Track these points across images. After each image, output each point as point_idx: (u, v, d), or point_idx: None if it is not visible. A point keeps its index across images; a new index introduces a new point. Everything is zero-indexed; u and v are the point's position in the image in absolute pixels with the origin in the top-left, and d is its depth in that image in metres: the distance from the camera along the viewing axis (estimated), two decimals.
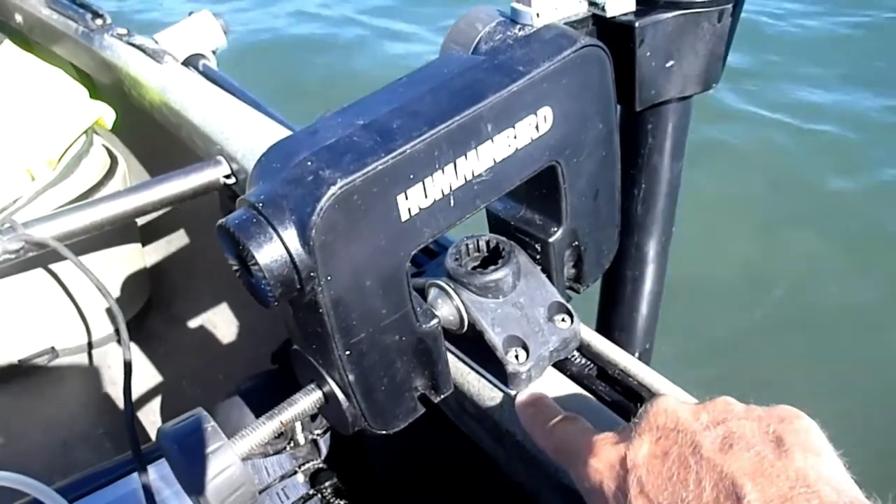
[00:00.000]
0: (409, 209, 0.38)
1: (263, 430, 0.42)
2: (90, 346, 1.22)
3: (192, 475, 0.39)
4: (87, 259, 1.09)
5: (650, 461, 0.34)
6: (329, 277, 0.37)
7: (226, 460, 0.40)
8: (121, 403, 1.21)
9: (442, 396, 0.47)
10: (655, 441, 0.35)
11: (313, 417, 0.77)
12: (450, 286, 0.48)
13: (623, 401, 0.49)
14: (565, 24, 0.46)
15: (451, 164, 0.39)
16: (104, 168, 1.15)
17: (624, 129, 0.54)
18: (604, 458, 0.36)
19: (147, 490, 0.64)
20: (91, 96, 1.09)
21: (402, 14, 3.63)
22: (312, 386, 0.44)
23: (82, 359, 1.24)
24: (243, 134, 0.85)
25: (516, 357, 0.47)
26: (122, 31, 1.14)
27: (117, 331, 0.73)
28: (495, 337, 0.47)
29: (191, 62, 1.10)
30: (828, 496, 0.29)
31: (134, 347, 0.69)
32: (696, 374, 1.70)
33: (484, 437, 0.54)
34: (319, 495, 0.74)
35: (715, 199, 2.19)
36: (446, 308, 0.48)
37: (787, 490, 0.30)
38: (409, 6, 3.68)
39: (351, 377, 0.41)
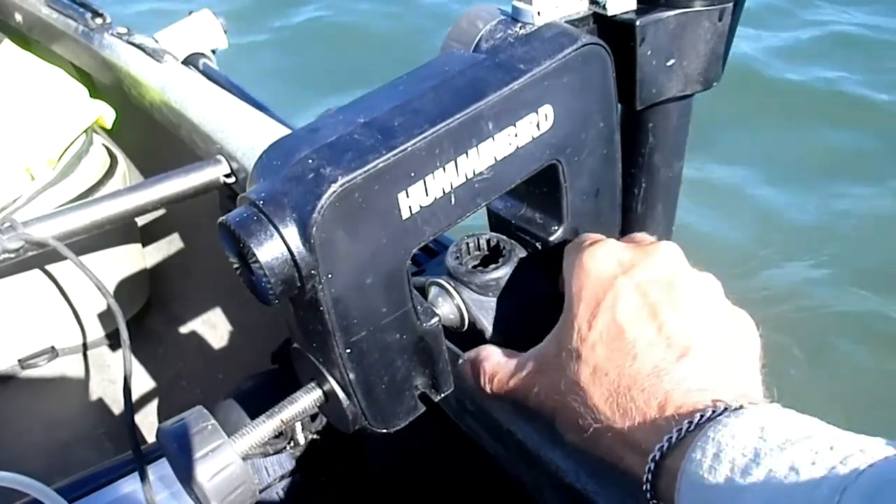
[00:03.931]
0: (409, 207, 0.38)
1: (264, 428, 0.42)
2: (90, 345, 1.22)
3: (191, 473, 0.39)
4: (87, 259, 1.09)
5: (634, 293, 0.39)
6: (330, 275, 0.37)
7: (226, 458, 0.39)
8: (120, 403, 1.21)
9: (442, 395, 0.47)
10: (647, 281, 0.40)
11: (313, 417, 0.77)
12: (450, 285, 0.48)
13: None
14: (566, 22, 0.46)
15: (452, 163, 0.39)
16: (104, 167, 1.15)
17: (624, 127, 0.53)
18: (601, 263, 0.42)
19: (147, 490, 0.64)
20: (91, 95, 1.08)
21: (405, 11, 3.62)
22: (313, 384, 0.44)
23: (82, 358, 1.24)
24: (243, 133, 0.85)
25: None
26: (122, 30, 1.14)
27: (117, 330, 0.72)
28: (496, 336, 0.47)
29: (191, 61, 1.10)
30: None
31: (133, 347, 0.69)
32: None
33: (484, 435, 0.53)
34: (319, 494, 0.74)
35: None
36: (447, 307, 0.48)
37: None
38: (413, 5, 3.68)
39: (351, 375, 0.41)
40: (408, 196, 0.38)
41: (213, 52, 1.14)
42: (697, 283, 0.40)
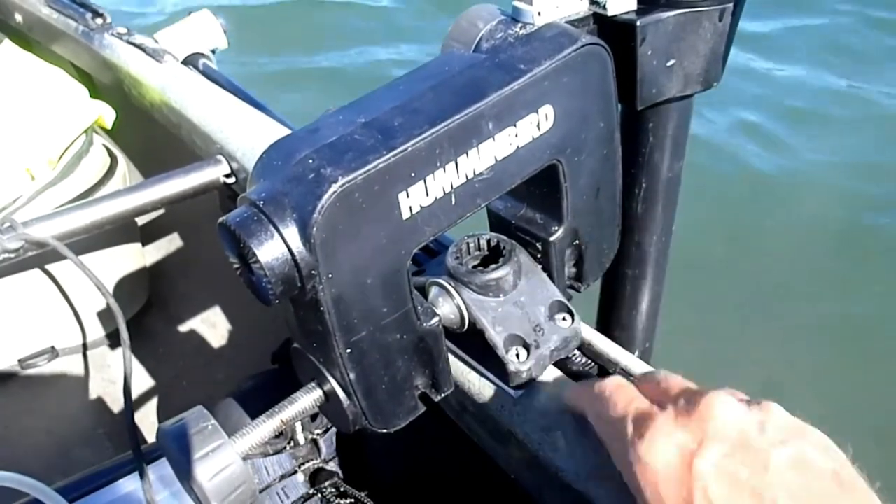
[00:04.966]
0: (410, 207, 0.38)
1: (264, 428, 0.42)
2: (90, 345, 1.22)
3: (191, 473, 0.39)
4: (87, 258, 1.09)
5: (719, 476, 0.34)
6: (330, 275, 0.37)
7: (226, 459, 0.39)
8: (120, 403, 1.21)
9: (442, 395, 0.47)
10: (724, 455, 0.35)
11: (313, 417, 0.77)
12: (450, 285, 0.48)
13: None
14: (566, 22, 0.46)
15: (453, 163, 0.39)
16: (104, 167, 1.15)
17: (625, 127, 0.53)
18: (664, 454, 0.36)
19: (147, 490, 0.64)
20: (91, 95, 1.08)
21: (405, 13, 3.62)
22: (313, 384, 0.44)
23: (82, 358, 1.24)
24: (243, 133, 0.85)
25: (517, 356, 0.47)
26: (122, 30, 1.14)
27: (117, 330, 0.72)
28: (496, 336, 0.47)
29: (191, 61, 1.10)
30: None
31: (133, 347, 0.69)
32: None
33: (484, 435, 0.54)
34: (319, 495, 0.74)
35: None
36: (447, 307, 0.48)
37: None
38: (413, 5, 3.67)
39: (352, 375, 0.41)
40: (408, 196, 0.38)
41: (213, 52, 1.14)
42: (774, 433, 0.35)
